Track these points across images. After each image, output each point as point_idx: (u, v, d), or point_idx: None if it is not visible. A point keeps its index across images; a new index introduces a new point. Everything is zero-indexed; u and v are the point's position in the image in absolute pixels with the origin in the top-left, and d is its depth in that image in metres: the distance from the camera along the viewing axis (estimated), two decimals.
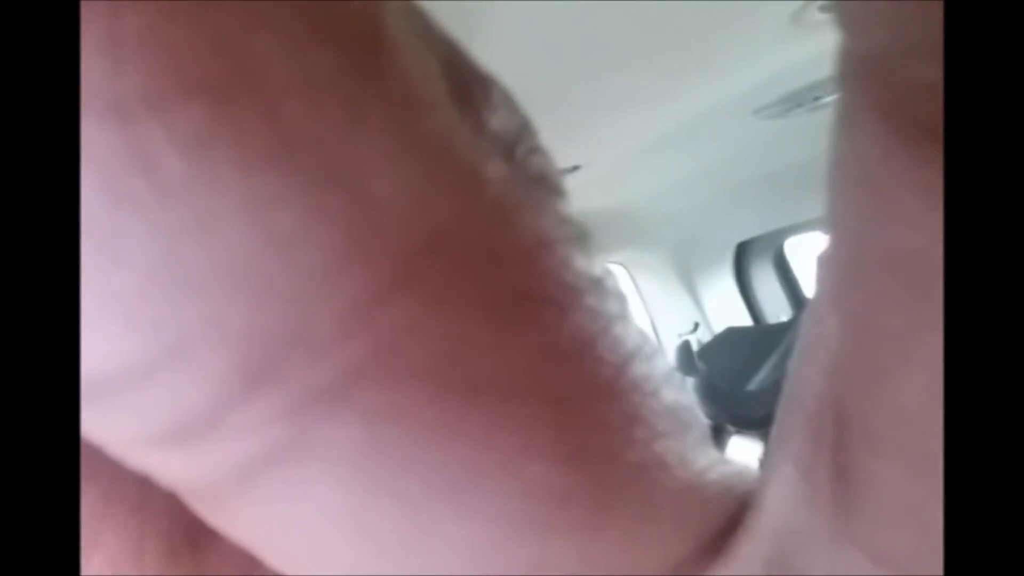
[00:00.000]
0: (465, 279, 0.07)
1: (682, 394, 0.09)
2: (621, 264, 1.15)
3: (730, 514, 0.09)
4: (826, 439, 0.08)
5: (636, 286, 1.16)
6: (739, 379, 0.91)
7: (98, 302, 0.06)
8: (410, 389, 0.07)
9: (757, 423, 0.85)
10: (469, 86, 0.07)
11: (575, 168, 0.77)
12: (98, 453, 0.07)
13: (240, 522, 0.08)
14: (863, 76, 0.07)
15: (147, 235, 0.06)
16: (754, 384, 0.91)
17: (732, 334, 1.06)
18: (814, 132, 0.84)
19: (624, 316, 0.08)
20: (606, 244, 1.06)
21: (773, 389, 0.87)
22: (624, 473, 0.08)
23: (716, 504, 0.09)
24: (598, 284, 0.08)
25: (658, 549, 0.09)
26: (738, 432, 0.89)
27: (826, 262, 0.08)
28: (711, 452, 0.09)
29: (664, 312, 1.17)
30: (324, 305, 0.06)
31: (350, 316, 0.06)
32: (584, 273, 0.08)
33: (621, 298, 0.08)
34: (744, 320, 1.17)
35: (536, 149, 0.08)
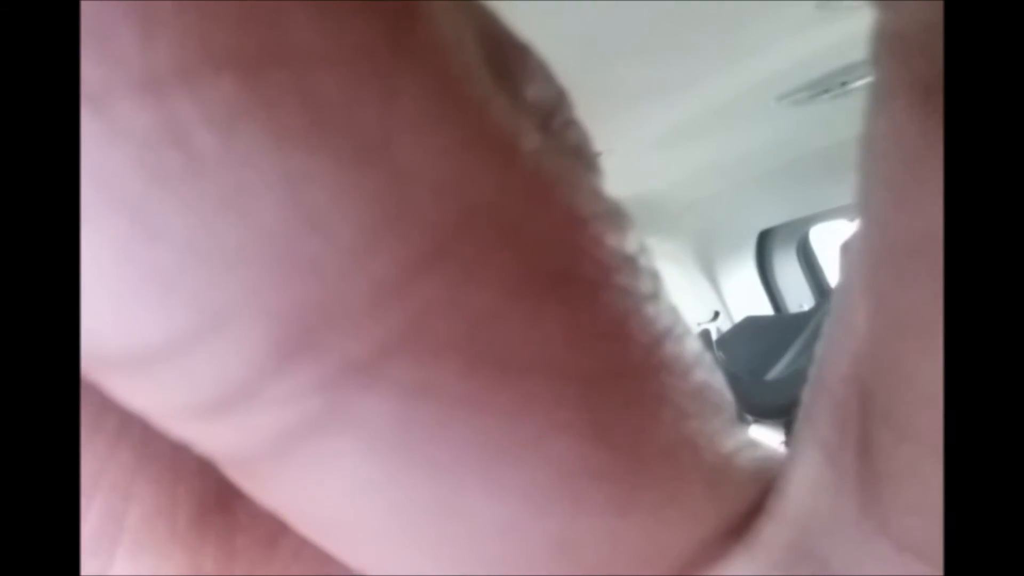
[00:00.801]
0: (497, 255, 0.07)
1: (713, 376, 0.09)
2: None
3: (756, 497, 0.09)
4: (852, 424, 0.08)
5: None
6: (758, 368, 0.90)
7: (139, 276, 0.06)
8: (441, 364, 0.07)
9: (775, 413, 0.84)
10: (504, 55, 0.07)
11: (597, 155, 0.77)
12: (129, 412, 0.07)
13: (273, 490, 0.08)
14: (899, 54, 0.07)
15: (183, 210, 0.06)
16: (773, 374, 0.91)
17: (752, 323, 1.06)
18: (840, 118, 0.83)
19: (656, 295, 0.08)
20: None
21: (792, 379, 0.86)
22: (653, 453, 0.08)
23: (743, 487, 0.09)
24: (631, 262, 0.08)
25: (684, 529, 0.09)
26: (756, 422, 0.88)
27: (856, 245, 0.08)
28: (740, 435, 0.09)
29: (684, 301, 1.16)
30: (358, 280, 0.06)
31: (383, 291, 0.06)
32: (617, 251, 0.08)
33: (654, 277, 0.08)
34: (764, 309, 1.16)
35: (572, 121, 0.08)
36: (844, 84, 0.74)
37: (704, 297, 1.19)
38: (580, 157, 0.08)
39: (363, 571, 0.09)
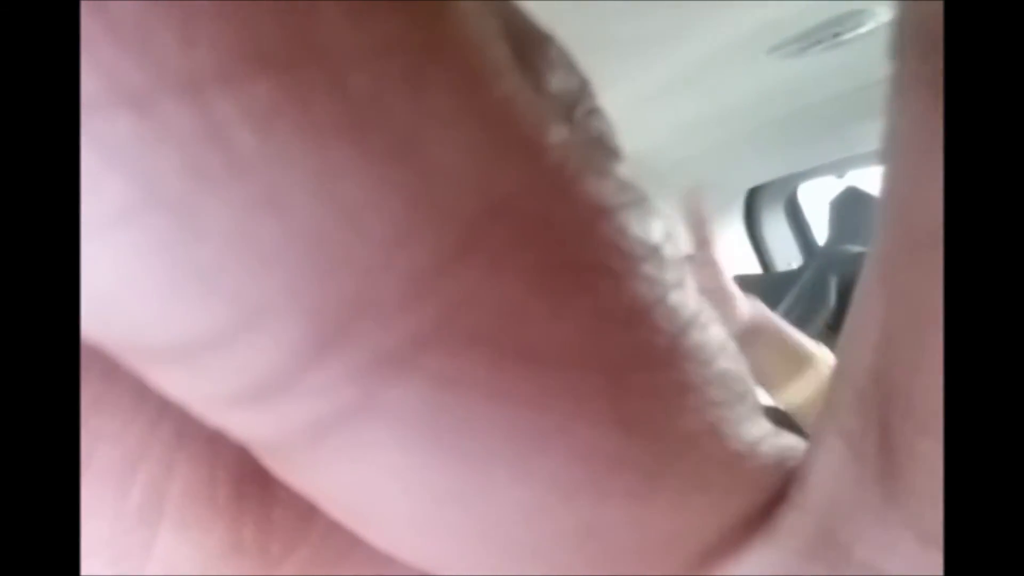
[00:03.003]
0: (524, 247, 0.07)
1: (737, 363, 0.09)
2: None
3: (778, 486, 0.10)
4: (874, 415, 0.08)
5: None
6: None
7: (180, 273, 0.06)
8: (470, 355, 0.07)
9: None
10: (528, 45, 0.07)
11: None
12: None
13: (307, 475, 0.08)
14: (919, 45, 0.07)
15: (224, 208, 0.06)
16: None
17: (739, 283, 1.07)
18: (832, 71, 0.83)
19: (681, 283, 0.08)
20: None
21: None
22: (677, 441, 0.08)
23: (765, 475, 0.09)
24: (656, 251, 0.08)
25: (706, 517, 0.09)
26: None
27: (878, 235, 0.08)
28: (764, 423, 0.10)
29: None
30: (390, 274, 0.06)
31: (414, 284, 0.07)
32: (642, 240, 0.08)
33: (679, 264, 0.08)
34: (752, 268, 1.17)
35: (595, 110, 0.08)
36: (837, 35, 0.73)
37: (682, 250, 1.20)
38: (604, 146, 0.08)
39: (392, 553, 0.09)
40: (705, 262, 0.69)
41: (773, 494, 0.10)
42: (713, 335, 0.09)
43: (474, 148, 0.07)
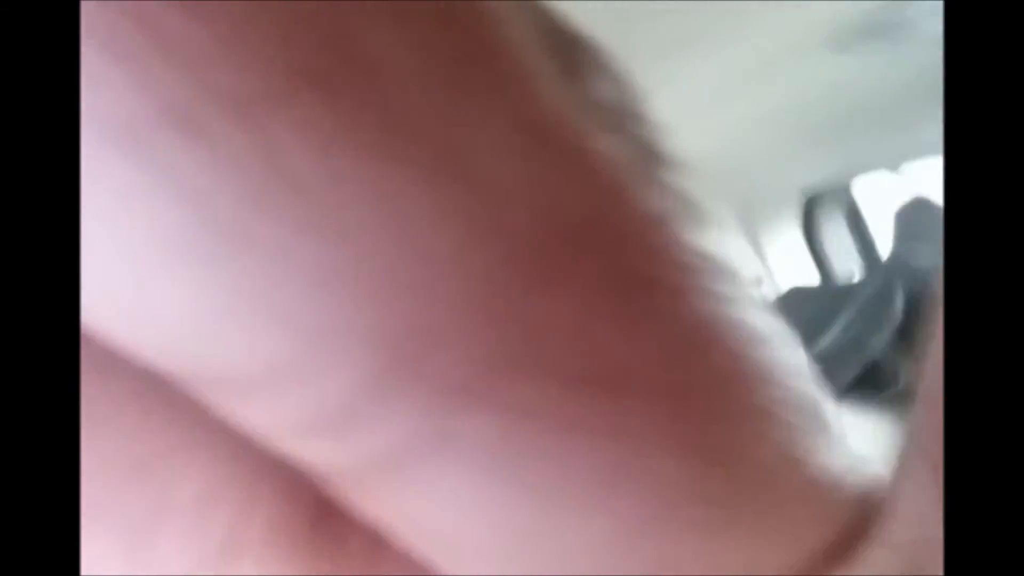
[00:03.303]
0: (588, 266, 0.07)
1: (817, 388, 0.09)
2: None
3: (861, 521, 0.09)
4: None
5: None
6: (804, 341, 0.89)
7: (240, 301, 0.06)
8: (541, 384, 0.07)
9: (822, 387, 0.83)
10: (573, 55, 0.07)
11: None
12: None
13: (379, 505, 0.08)
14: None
15: (282, 235, 0.06)
16: (820, 347, 0.89)
17: (797, 294, 1.04)
18: (893, 66, 0.80)
19: (749, 299, 0.08)
20: None
21: (843, 352, 0.84)
22: (753, 470, 0.08)
23: (847, 509, 0.09)
24: (719, 264, 0.08)
25: (782, 551, 0.09)
26: None
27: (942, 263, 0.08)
28: (847, 452, 0.09)
29: None
30: (454, 298, 0.06)
31: (481, 312, 0.07)
32: (701, 253, 0.08)
33: (743, 279, 0.08)
34: (810, 276, 1.13)
35: (642, 116, 0.08)
36: (898, 27, 0.70)
37: (747, 265, 1.17)
38: (653, 154, 0.08)
39: None
40: None
41: (856, 529, 0.09)
42: (791, 358, 0.08)
43: (523, 164, 0.07)
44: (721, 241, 0.08)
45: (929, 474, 0.09)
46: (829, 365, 0.84)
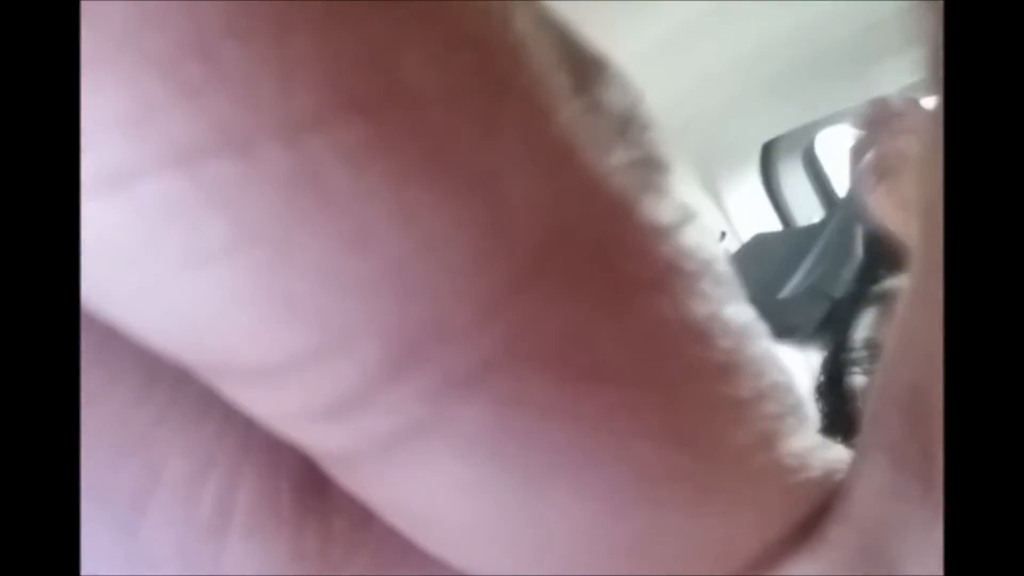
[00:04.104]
0: (586, 272, 0.07)
1: (788, 376, 0.09)
2: None
3: (824, 499, 0.10)
4: (915, 428, 0.09)
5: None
6: (771, 287, 0.91)
7: (271, 301, 0.07)
8: (534, 376, 0.07)
9: (791, 331, 0.86)
10: (585, 70, 0.08)
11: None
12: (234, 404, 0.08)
13: (373, 485, 0.09)
14: (940, 120, 0.07)
15: (315, 244, 0.07)
16: (787, 291, 0.92)
17: (761, 241, 1.06)
18: (845, 10, 0.81)
19: (734, 298, 0.09)
20: None
21: (808, 295, 0.87)
22: (729, 454, 0.09)
23: (814, 488, 0.10)
24: (710, 267, 0.08)
25: (755, 529, 0.10)
26: (773, 342, 0.89)
27: (917, 253, 0.09)
28: (814, 436, 0.10)
29: None
30: (462, 301, 0.07)
31: (484, 311, 0.07)
32: (697, 256, 0.08)
33: (732, 279, 0.09)
34: (772, 225, 1.16)
35: (647, 126, 0.08)
36: None
37: (709, 218, 1.18)
38: (657, 163, 0.08)
39: (448, 560, 0.09)
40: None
41: (820, 507, 0.10)
42: (764, 348, 0.09)
43: (540, 180, 0.07)
44: (706, 235, 0.08)
45: (884, 457, 0.09)
46: (799, 306, 0.86)
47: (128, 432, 0.09)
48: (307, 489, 0.10)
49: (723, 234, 1.16)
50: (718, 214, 1.17)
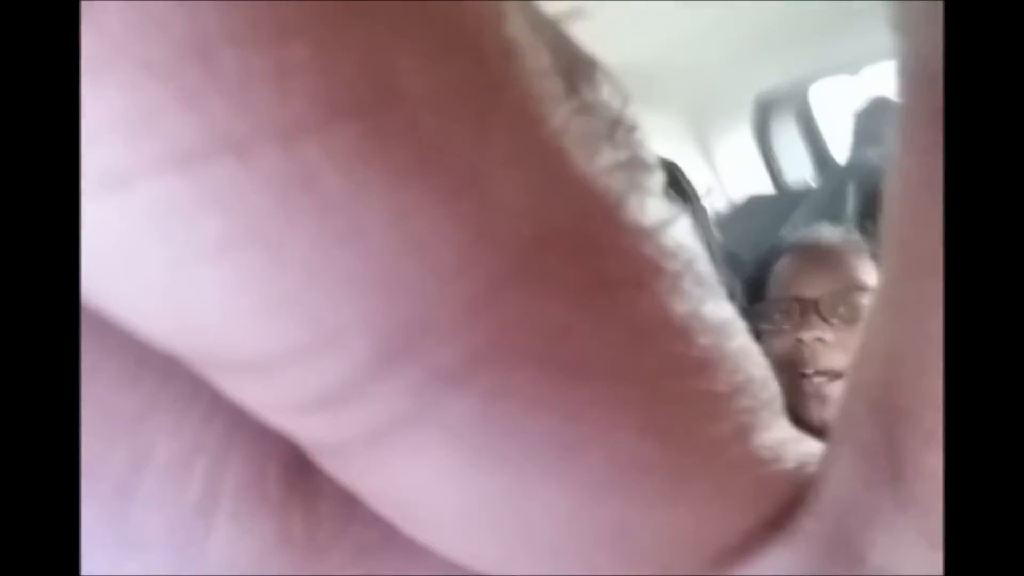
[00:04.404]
0: (571, 270, 0.08)
1: (764, 369, 0.10)
2: None
3: (797, 490, 0.10)
4: (885, 426, 0.09)
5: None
6: (760, 247, 0.91)
7: (266, 298, 0.07)
8: (519, 371, 0.08)
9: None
10: (575, 71, 0.08)
11: (575, 15, 0.73)
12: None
13: (359, 473, 0.09)
14: (920, 78, 0.07)
15: (308, 243, 0.07)
16: None
17: (754, 202, 1.06)
18: None
19: (714, 296, 0.09)
20: None
21: None
22: (705, 446, 0.09)
23: (787, 480, 0.10)
24: (691, 266, 0.09)
25: (730, 518, 0.10)
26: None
27: (885, 257, 0.09)
28: (788, 428, 0.10)
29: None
30: (450, 298, 0.07)
31: (471, 308, 0.07)
32: (679, 256, 0.08)
33: (712, 277, 0.09)
34: (762, 182, 1.15)
35: (634, 127, 0.09)
36: None
37: (697, 174, 1.18)
38: (643, 164, 0.08)
39: (432, 546, 0.10)
40: None
41: (792, 498, 0.10)
42: (741, 343, 0.09)
43: (529, 182, 0.07)
44: (688, 233, 0.09)
45: (855, 451, 0.10)
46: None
47: (117, 416, 0.09)
48: (294, 473, 0.10)
49: (709, 190, 1.16)
50: (707, 169, 1.17)
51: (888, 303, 0.09)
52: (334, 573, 0.10)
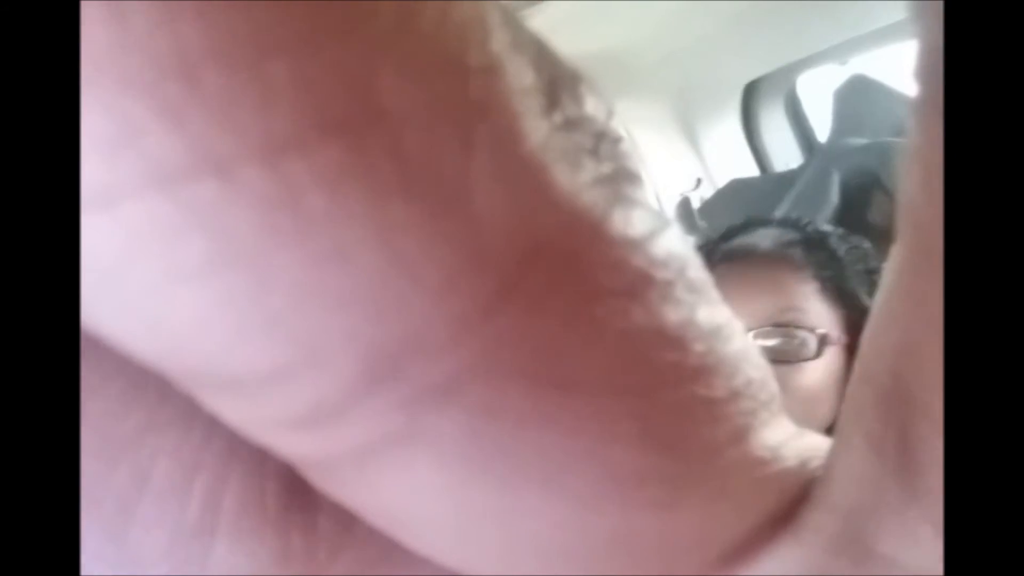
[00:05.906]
0: (560, 286, 0.08)
1: (763, 370, 0.10)
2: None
3: (802, 486, 0.10)
4: (895, 415, 0.09)
5: (632, 143, 1.14)
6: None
7: (249, 318, 0.07)
8: (509, 387, 0.08)
9: None
10: (559, 86, 0.08)
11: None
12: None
13: (351, 490, 0.09)
14: (938, 65, 0.07)
15: (292, 263, 0.07)
16: None
17: (736, 186, 1.06)
18: None
19: (708, 301, 0.09)
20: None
21: None
22: (701, 452, 0.09)
23: (789, 477, 0.10)
24: (683, 273, 0.09)
25: (731, 520, 0.10)
26: None
27: (898, 242, 0.09)
28: (787, 426, 0.10)
29: (664, 169, 1.16)
30: (438, 316, 0.07)
31: (460, 325, 0.07)
32: (670, 264, 0.08)
33: (704, 283, 0.09)
34: (750, 169, 1.16)
35: (618, 139, 0.09)
36: None
37: (686, 164, 1.18)
38: (628, 175, 0.08)
39: (431, 558, 0.10)
40: None
41: (799, 495, 0.10)
42: (738, 346, 0.09)
43: (514, 199, 0.07)
44: (679, 241, 0.09)
45: (863, 444, 0.10)
46: None
47: (116, 437, 0.09)
48: (292, 490, 0.10)
49: (698, 181, 1.16)
50: (694, 158, 1.17)
51: (902, 290, 0.09)
52: None
